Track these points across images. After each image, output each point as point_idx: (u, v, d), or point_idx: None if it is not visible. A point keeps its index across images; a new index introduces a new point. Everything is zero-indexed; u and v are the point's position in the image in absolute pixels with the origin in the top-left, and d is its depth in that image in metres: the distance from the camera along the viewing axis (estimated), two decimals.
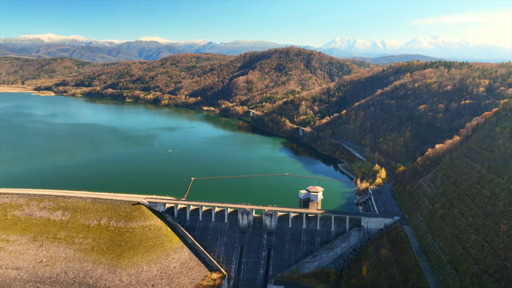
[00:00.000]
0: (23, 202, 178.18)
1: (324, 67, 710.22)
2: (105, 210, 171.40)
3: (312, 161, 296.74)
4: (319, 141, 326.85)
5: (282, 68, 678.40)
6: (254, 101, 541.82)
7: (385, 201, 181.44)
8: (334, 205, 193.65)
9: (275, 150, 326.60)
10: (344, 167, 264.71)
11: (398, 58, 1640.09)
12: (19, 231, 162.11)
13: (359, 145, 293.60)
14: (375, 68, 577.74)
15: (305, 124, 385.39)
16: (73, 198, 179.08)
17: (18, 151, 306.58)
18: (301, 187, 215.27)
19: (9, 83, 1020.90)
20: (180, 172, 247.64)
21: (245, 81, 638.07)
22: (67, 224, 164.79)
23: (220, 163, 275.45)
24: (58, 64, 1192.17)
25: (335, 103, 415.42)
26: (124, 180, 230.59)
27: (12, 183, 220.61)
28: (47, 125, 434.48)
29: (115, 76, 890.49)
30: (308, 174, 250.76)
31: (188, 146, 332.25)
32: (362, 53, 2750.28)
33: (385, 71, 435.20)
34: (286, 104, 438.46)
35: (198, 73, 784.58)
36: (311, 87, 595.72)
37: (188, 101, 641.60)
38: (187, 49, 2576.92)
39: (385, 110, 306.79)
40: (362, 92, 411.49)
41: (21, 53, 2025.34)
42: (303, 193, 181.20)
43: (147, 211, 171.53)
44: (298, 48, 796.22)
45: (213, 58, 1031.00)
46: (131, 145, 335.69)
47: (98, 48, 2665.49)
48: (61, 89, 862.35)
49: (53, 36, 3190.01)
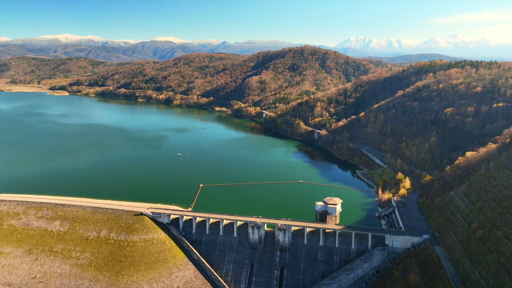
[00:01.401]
0: (21, 211, 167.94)
1: (340, 66, 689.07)
2: (106, 220, 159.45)
3: (328, 166, 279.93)
4: (336, 145, 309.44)
5: (296, 68, 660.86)
6: (267, 102, 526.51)
7: (411, 215, 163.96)
8: (354, 218, 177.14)
9: (289, 154, 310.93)
10: (363, 174, 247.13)
11: (415, 57, 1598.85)
12: (14, 243, 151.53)
13: (379, 150, 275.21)
14: (394, 68, 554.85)
15: (321, 127, 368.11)
16: (73, 207, 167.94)
17: (25, 153, 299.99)
18: (316, 196, 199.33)
19: (26, 82, 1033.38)
20: (188, 178, 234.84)
21: (258, 81, 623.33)
22: (64, 235, 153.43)
23: (230, 168, 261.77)
24: (73, 64, 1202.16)
25: (352, 104, 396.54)
26: (129, 186, 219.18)
27: (14, 187, 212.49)
28: (57, 125, 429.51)
29: (128, 76, 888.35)
30: (324, 181, 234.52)
31: (198, 149, 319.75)
32: (378, 52, 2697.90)
33: (406, 71, 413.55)
34: (300, 105, 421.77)
35: (211, 73, 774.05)
36: (326, 87, 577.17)
37: (200, 101, 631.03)
38: (201, 49, 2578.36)
39: (407, 112, 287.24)
40: (381, 93, 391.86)
41: (39, 53, 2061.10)
42: (320, 205, 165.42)
43: (150, 223, 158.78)
44: (313, 47, 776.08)
45: (226, 57, 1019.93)
46: (139, 147, 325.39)
47: (114, 48, 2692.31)
48: (75, 88, 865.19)
49: (71, 36, 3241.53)
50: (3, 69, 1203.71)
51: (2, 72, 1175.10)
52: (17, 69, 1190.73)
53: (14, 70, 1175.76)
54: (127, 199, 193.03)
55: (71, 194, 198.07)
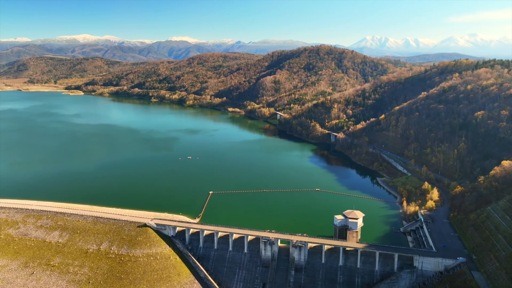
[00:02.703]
0: (20, 219, 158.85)
1: (357, 66, 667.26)
2: (107, 232, 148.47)
3: (346, 172, 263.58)
4: (354, 150, 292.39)
5: (312, 68, 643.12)
6: (281, 103, 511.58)
7: (441, 232, 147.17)
8: (376, 233, 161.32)
9: (304, 159, 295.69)
10: (384, 182, 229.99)
11: (433, 57, 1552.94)
12: (11, 254, 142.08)
13: (401, 156, 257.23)
14: (415, 68, 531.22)
15: (338, 129, 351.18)
16: (74, 216, 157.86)
17: (32, 154, 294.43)
18: (334, 207, 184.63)
19: (43, 82, 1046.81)
20: (197, 184, 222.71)
21: (272, 81, 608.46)
22: (63, 247, 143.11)
23: (242, 173, 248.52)
24: (89, 63, 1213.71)
25: (371, 106, 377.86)
26: (135, 192, 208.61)
27: (17, 190, 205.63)
28: (69, 125, 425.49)
29: (142, 76, 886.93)
30: (342, 189, 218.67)
31: (209, 152, 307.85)
32: (394, 52, 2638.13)
33: (428, 71, 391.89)
34: (316, 107, 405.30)
35: (225, 73, 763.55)
36: (343, 87, 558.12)
37: (213, 101, 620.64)
38: (215, 49, 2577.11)
39: (432, 116, 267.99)
40: (402, 95, 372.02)
41: (58, 53, 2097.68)
42: (339, 219, 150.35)
43: (154, 235, 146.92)
44: (329, 46, 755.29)
45: (240, 57, 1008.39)
46: (149, 150, 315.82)
47: (130, 48, 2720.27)
48: (90, 88, 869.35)
49: (88, 36, 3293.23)
50: (22, 68, 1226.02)
51: (21, 72, 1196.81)
52: (35, 69, 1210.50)
53: (32, 70, 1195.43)
54: (132, 206, 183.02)
55: (74, 199, 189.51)
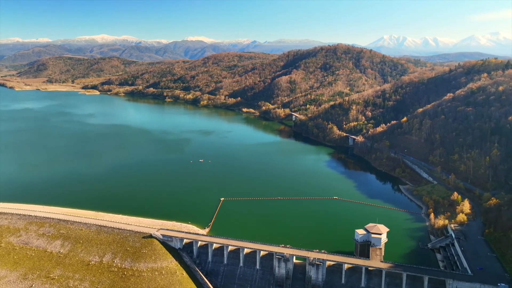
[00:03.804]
0: (22, 226, 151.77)
1: (376, 66, 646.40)
2: (111, 242, 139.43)
3: (366, 179, 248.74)
4: (374, 154, 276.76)
5: (329, 67, 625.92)
6: (297, 103, 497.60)
7: (476, 251, 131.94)
8: (401, 249, 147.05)
9: (321, 163, 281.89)
10: (408, 191, 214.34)
11: (454, 56, 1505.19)
12: (10, 265, 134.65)
13: (425, 162, 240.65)
14: (437, 68, 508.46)
15: (356, 132, 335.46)
16: (77, 224, 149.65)
17: (43, 155, 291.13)
18: (354, 218, 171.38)
19: (61, 81, 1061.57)
20: (208, 189, 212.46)
21: (288, 81, 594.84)
22: (64, 259, 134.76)
23: (255, 178, 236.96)
24: (106, 63, 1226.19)
25: (391, 107, 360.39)
26: (143, 197, 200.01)
27: (23, 193, 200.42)
28: (82, 125, 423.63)
29: (157, 75, 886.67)
30: (362, 198, 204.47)
31: (222, 154, 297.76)
32: (412, 51, 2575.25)
33: (453, 70, 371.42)
34: (333, 108, 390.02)
35: (240, 73, 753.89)
36: (361, 88, 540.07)
37: (228, 102, 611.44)
38: (231, 48, 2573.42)
39: (459, 119, 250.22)
40: (425, 96, 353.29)
41: (77, 53, 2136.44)
42: (360, 234, 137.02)
43: (159, 248, 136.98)
44: (347, 45, 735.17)
45: (255, 57, 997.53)
46: (160, 151, 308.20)
47: (147, 47, 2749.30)
48: (106, 88, 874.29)
49: (106, 36, 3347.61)
50: (41, 68, 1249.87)
51: (40, 72, 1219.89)
52: (54, 68, 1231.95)
53: (51, 70, 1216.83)
54: (140, 213, 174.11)
55: (80, 204, 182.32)
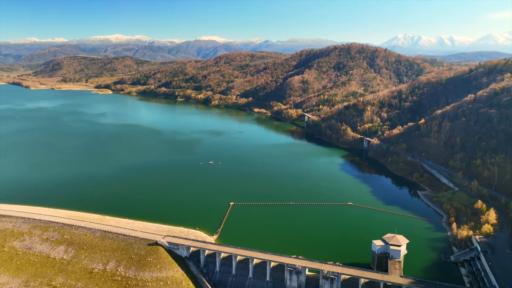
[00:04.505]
0: (26, 230, 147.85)
1: (391, 65, 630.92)
2: (115, 249, 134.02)
3: (382, 183, 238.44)
4: (390, 157, 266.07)
5: (342, 67, 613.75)
6: (309, 104, 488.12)
7: (506, 267, 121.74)
8: (422, 262, 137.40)
9: (334, 166, 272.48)
10: (426, 197, 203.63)
11: (471, 55, 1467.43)
12: (12, 271, 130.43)
13: (445, 166, 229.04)
14: (455, 67, 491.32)
15: (371, 134, 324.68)
16: (81, 229, 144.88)
17: (51, 155, 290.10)
18: (370, 226, 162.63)
19: (75, 81, 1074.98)
20: (217, 192, 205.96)
21: (300, 81, 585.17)
22: (67, 265, 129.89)
23: (266, 182, 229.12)
24: (119, 62, 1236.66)
25: (408, 109, 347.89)
26: (151, 200, 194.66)
27: (31, 195, 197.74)
28: (92, 125, 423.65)
29: (169, 75, 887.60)
30: (378, 204, 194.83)
31: (232, 156, 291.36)
32: (427, 50, 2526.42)
33: (473, 70, 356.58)
34: (347, 109, 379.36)
35: (251, 72, 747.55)
36: (375, 88, 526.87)
37: (239, 101, 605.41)
38: (243, 48, 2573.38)
39: (481, 121, 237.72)
40: (443, 97, 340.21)
41: (91, 53, 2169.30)
42: (378, 246, 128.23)
43: (165, 256, 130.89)
44: (361, 45, 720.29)
45: (267, 56, 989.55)
46: (170, 152, 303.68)
47: (160, 47, 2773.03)
48: (119, 87, 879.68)
49: (120, 36, 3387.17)
50: (56, 68, 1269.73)
51: (55, 71, 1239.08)
52: (68, 68, 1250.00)
53: (66, 69, 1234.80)
54: (146, 217, 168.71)
55: (86, 207, 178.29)
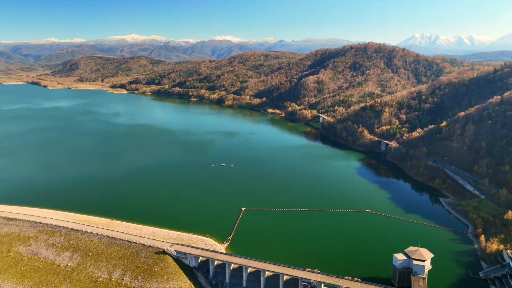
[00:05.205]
0: (32, 234, 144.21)
1: (409, 65, 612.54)
2: (121, 257, 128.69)
3: (401, 189, 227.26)
4: (410, 162, 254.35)
5: (359, 67, 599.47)
6: (324, 104, 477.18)
7: None
8: (448, 279, 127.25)
9: (351, 170, 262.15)
10: (450, 205, 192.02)
11: (492, 55, 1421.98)
12: (17, 277, 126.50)
13: (469, 172, 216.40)
14: (478, 67, 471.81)
15: (389, 137, 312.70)
16: (88, 235, 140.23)
17: (63, 155, 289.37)
18: (390, 237, 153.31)
19: (91, 80, 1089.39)
20: (229, 197, 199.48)
21: (315, 81, 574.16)
22: (72, 273, 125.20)
23: (279, 186, 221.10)
24: (134, 62, 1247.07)
25: (428, 110, 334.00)
26: (160, 204, 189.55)
27: (40, 196, 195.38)
28: (106, 125, 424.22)
29: (183, 75, 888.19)
30: (398, 212, 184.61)
31: (244, 158, 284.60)
32: (446, 50, 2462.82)
33: (499, 70, 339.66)
34: (364, 110, 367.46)
35: (265, 72, 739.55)
36: (393, 89, 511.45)
37: (253, 102, 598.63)
38: (257, 48, 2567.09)
39: (509, 125, 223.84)
40: (466, 98, 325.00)
41: (108, 53, 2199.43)
42: (400, 260, 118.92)
43: (173, 265, 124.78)
44: (378, 44, 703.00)
45: (282, 56, 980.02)
46: (182, 153, 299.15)
47: (175, 47, 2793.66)
48: (133, 87, 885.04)
49: (136, 36, 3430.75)
50: (73, 68, 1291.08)
51: (72, 71, 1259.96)
52: (85, 68, 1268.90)
53: (83, 69, 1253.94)
54: (155, 222, 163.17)
55: (94, 210, 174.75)
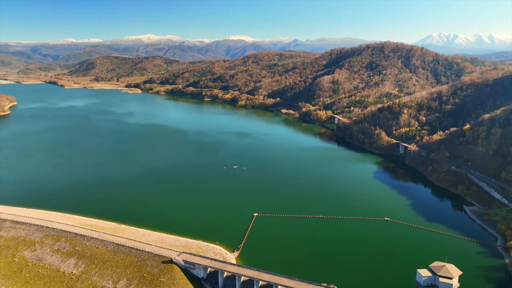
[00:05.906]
0: (38, 239, 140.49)
1: (427, 65, 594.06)
2: (127, 266, 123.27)
3: (421, 195, 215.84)
4: (431, 166, 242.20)
5: (375, 67, 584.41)
6: (340, 105, 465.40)
7: None
8: None
9: (368, 174, 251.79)
10: (475, 214, 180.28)
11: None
12: (21, 284, 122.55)
13: (496, 179, 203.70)
14: (503, 67, 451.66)
15: (408, 139, 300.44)
16: (94, 241, 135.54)
17: (75, 155, 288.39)
18: (413, 249, 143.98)
19: (106, 80, 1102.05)
20: (240, 202, 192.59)
21: (330, 81, 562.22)
22: (76, 281, 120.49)
23: (293, 190, 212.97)
24: (149, 62, 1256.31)
25: (449, 112, 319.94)
26: (169, 208, 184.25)
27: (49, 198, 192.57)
28: (119, 124, 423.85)
29: (197, 75, 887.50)
30: (419, 220, 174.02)
31: (257, 160, 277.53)
32: (464, 49, 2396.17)
33: None
34: (381, 111, 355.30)
35: (279, 72, 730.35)
36: (411, 89, 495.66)
37: (266, 102, 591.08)
38: (272, 47, 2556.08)
39: None
40: (491, 99, 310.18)
41: (123, 53, 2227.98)
42: (424, 277, 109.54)
43: (180, 276, 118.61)
44: (395, 43, 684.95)
45: (296, 55, 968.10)
46: (193, 154, 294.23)
47: (189, 47, 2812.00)
48: (148, 86, 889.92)
49: (152, 36, 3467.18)
50: (90, 67, 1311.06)
51: (88, 71, 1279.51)
52: (101, 67, 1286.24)
53: (99, 69, 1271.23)
54: (163, 227, 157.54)
55: (102, 214, 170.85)
